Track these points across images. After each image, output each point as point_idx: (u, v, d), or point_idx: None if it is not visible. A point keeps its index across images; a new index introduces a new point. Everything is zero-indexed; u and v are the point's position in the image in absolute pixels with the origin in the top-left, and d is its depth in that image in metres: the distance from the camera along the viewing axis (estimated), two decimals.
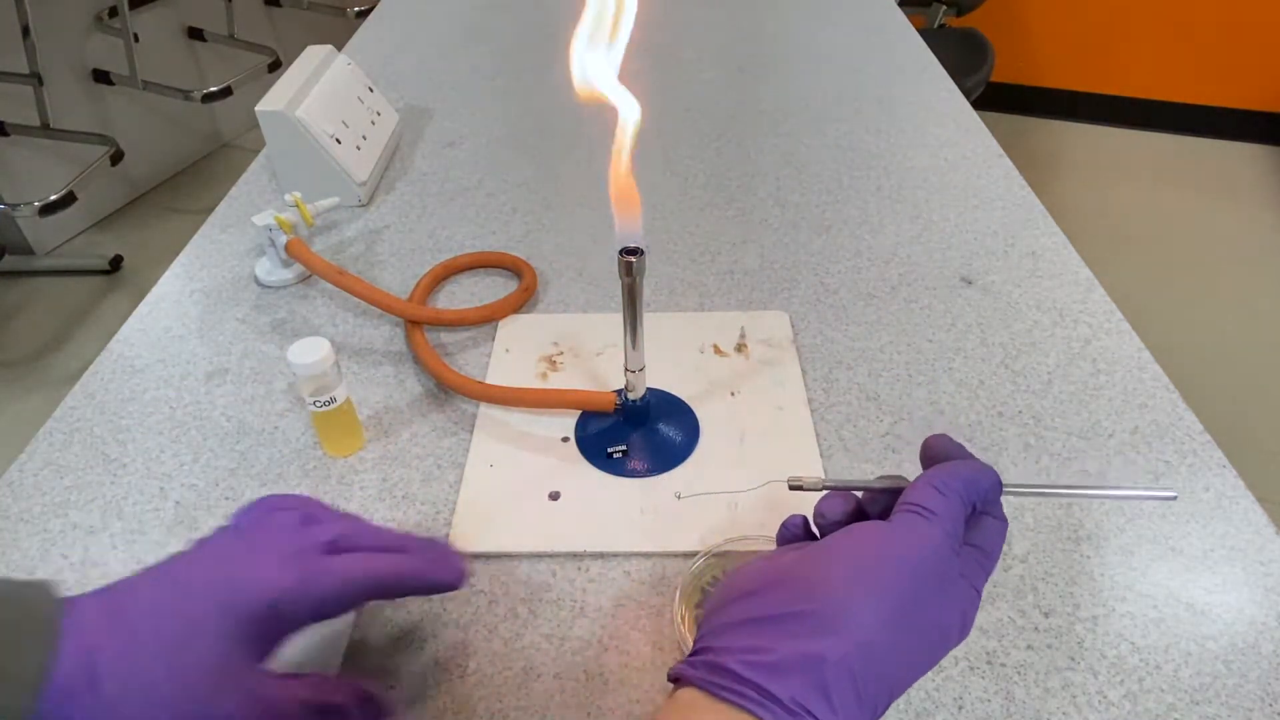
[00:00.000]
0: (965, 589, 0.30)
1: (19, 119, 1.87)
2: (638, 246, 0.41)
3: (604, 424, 0.52)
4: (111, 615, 0.30)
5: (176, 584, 0.32)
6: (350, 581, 0.33)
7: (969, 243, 0.69)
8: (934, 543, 0.29)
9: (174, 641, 0.30)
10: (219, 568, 0.32)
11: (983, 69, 1.75)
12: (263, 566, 0.32)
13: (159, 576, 0.32)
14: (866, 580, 0.28)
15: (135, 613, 0.30)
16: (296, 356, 0.46)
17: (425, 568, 0.36)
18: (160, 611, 0.30)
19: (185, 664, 0.29)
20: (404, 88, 0.96)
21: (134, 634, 0.29)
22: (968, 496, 0.31)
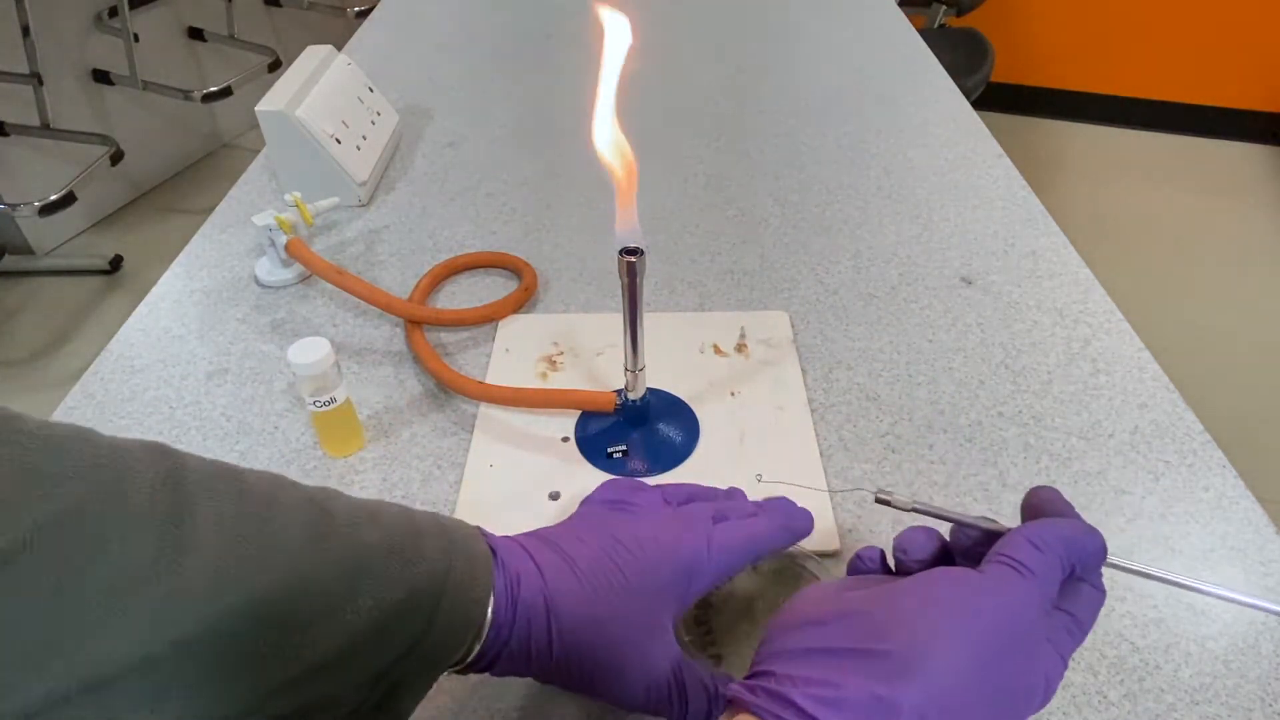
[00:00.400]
0: (1051, 655, 0.28)
1: (19, 119, 1.87)
2: (638, 246, 0.41)
3: (604, 424, 0.52)
4: (560, 555, 0.33)
5: (610, 537, 0.34)
6: (740, 548, 0.36)
7: (969, 243, 0.69)
8: (1025, 601, 0.27)
9: (618, 589, 0.32)
10: (644, 530, 0.35)
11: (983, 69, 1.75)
12: (676, 534, 0.35)
13: (587, 529, 0.35)
14: (950, 628, 0.26)
15: (581, 555, 0.33)
16: (296, 356, 0.46)
17: (790, 523, 0.39)
18: (604, 561, 0.33)
19: (625, 608, 0.32)
20: (404, 88, 0.96)
21: (583, 574, 0.32)
22: (1067, 558, 0.29)
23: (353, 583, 0.28)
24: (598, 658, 0.32)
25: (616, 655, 0.32)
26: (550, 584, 0.32)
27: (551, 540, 0.34)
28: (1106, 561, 0.31)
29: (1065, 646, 0.29)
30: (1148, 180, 2.39)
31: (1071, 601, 0.30)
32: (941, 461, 0.50)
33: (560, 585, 0.32)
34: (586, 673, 0.32)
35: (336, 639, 0.27)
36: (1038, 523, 0.30)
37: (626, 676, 0.32)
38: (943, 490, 0.49)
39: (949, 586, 0.28)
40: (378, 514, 0.31)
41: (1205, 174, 2.41)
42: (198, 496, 0.26)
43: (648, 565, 0.33)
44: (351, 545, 0.29)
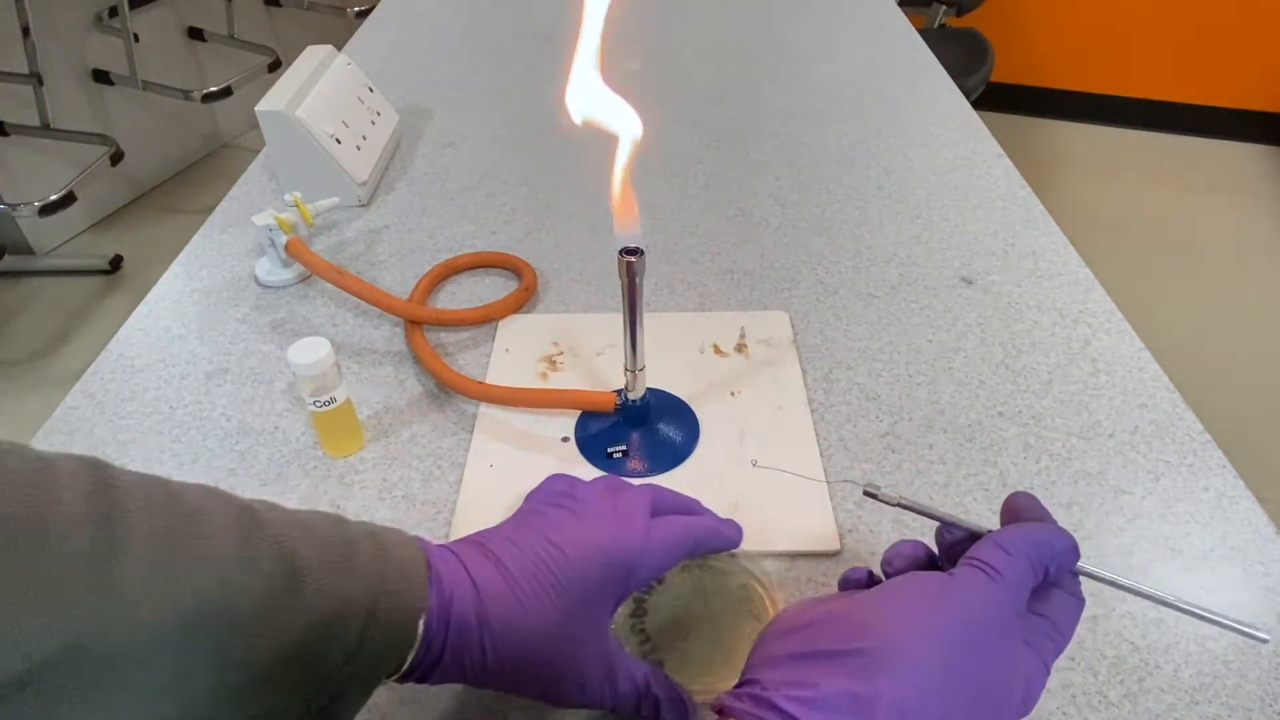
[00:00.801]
0: (1030, 657, 0.29)
1: (19, 119, 1.87)
2: (638, 246, 0.41)
3: (604, 424, 0.52)
4: (490, 559, 0.33)
5: (543, 538, 0.34)
6: (678, 543, 0.36)
7: (969, 243, 0.69)
8: (993, 601, 0.29)
9: (550, 590, 0.32)
10: (578, 529, 0.35)
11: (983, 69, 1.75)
12: (612, 530, 0.35)
13: (523, 530, 0.35)
14: (921, 626, 0.27)
15: (510, 559, 0.33)
16: (296, 356, 0.46)
17: (721, 526, 0.39)
18: (534, 561, 0.33)
19: (558, 610, 0.32)
20: (404, 88, 0.96)
21: (512, 578, 0.32)
22: (1037, 560, 0.30)
23: (285, 593, 0.28)
24: (532, 662, 0.32)
25: (550, 658, 0.32)
26: (482, 592, 0.32)
27: (485, 546, 0.34)
28: (1080, 569, 0.32)
29: (1047, 652, 0.29)
30: (1148, 180, 2.39)
31: (1049, 607, 0.31)
32: (941, 461, 0.50)
33: (492, 593, 0.32)
34: (521, 677, 0.33)
35: (270, 649, 0.27)
36: (1009, 527, 0.32)
37: (561, 678, 0.33)
38: (943, 490, 0.49)
39: (920, 588, 0.29)
40: (311, 526, 0.31)
41: (1205, 174, 2.41)
42: (128, 504, 0.26)
43: (582, 564, 0.33)
44: (283, 556, 0.29)
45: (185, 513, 0.28)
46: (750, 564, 0.43)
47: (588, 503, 0.37)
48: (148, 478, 0.28)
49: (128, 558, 0.25)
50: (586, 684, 0.33)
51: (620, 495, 0.37)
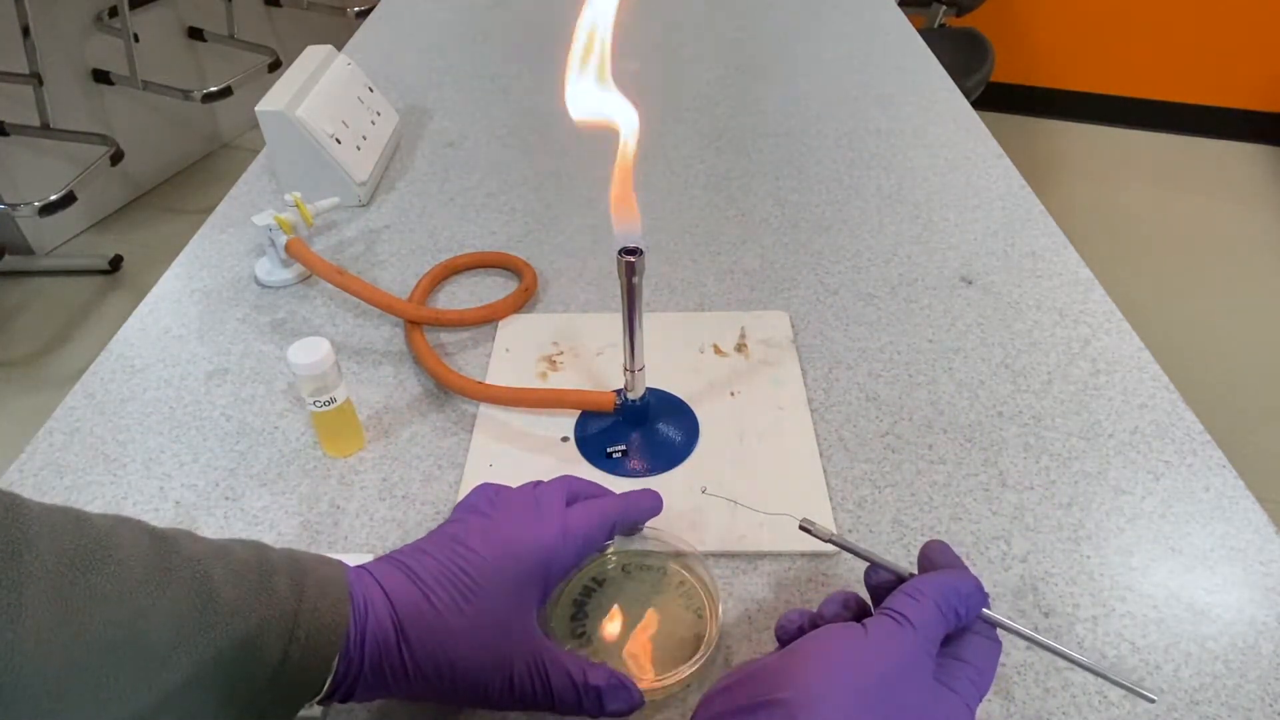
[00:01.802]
0: (952, 700, 0.30)
1: (19, 119, 1.87)
2: (638, 246, 0.41)
3: (604, 424, 0.52)
4: (406, 574, 0.34)
5: (460, 544, 0.35)
6: (598, 527, 0.38)
7: (969, 243, 0.69)
8: (904, 646, 0.30)
9: (467, 596, 0.33)
10: (494, 531, 0.36)
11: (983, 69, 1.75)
12: (531, 526, 0.36)
13: (441, 541, 0.36)
14: (836, 674, 0.29)
15: (426, 571, 0.34)
16: (296, 356, 0.46)
17: (639, 500, 0.41)
18: (451, 569, 0.34)
19: (477, 615, 0.33)
20: (404, 88, 0.96)
21: (429, 589, 0.33)
22: (944, 604, 0.32)
23: (199, 616, 0.28)
24: (455, 667, 0.33)
25: (473, 660, 0.33)
26: (396, 604, 0.33)
27: (399, 561, 0.35)
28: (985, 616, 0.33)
29: (969, 695, 0.31)
30: (1148, 180, 2.39)
31: (967, 651, 0.32)
32: (941, 461, 0.50)
33: (406, 603, 0.33)
34: (447, 684, 0.33)
35: (185, 670, 0.28)
36: (920, 576, 0.34)
37: (488, 678, 0.33)
38: (943, 490, 0.49)
39: (835, 639, 0.31)
40: (227, 551, 0.32)
41: (1205, 174, 2.41)
42: (36, 531, 0.26)
43: (496, 564, 0.34)
44: (196, 580, 0.29)
45: (95, 540, 0.28)
46: (692, 562, 0.43)
47: (503, 505, 0.38)
48: (55, 508, 0.29)
49: (35, 588, 0.25)
50: (516, 681, 0.34)
51: (536, 492, 0.39)
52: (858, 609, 0.35)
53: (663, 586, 0.42)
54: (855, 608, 0.35)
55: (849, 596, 0.35)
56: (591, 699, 0.35)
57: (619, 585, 0.43)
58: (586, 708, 0.35)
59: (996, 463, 0.50)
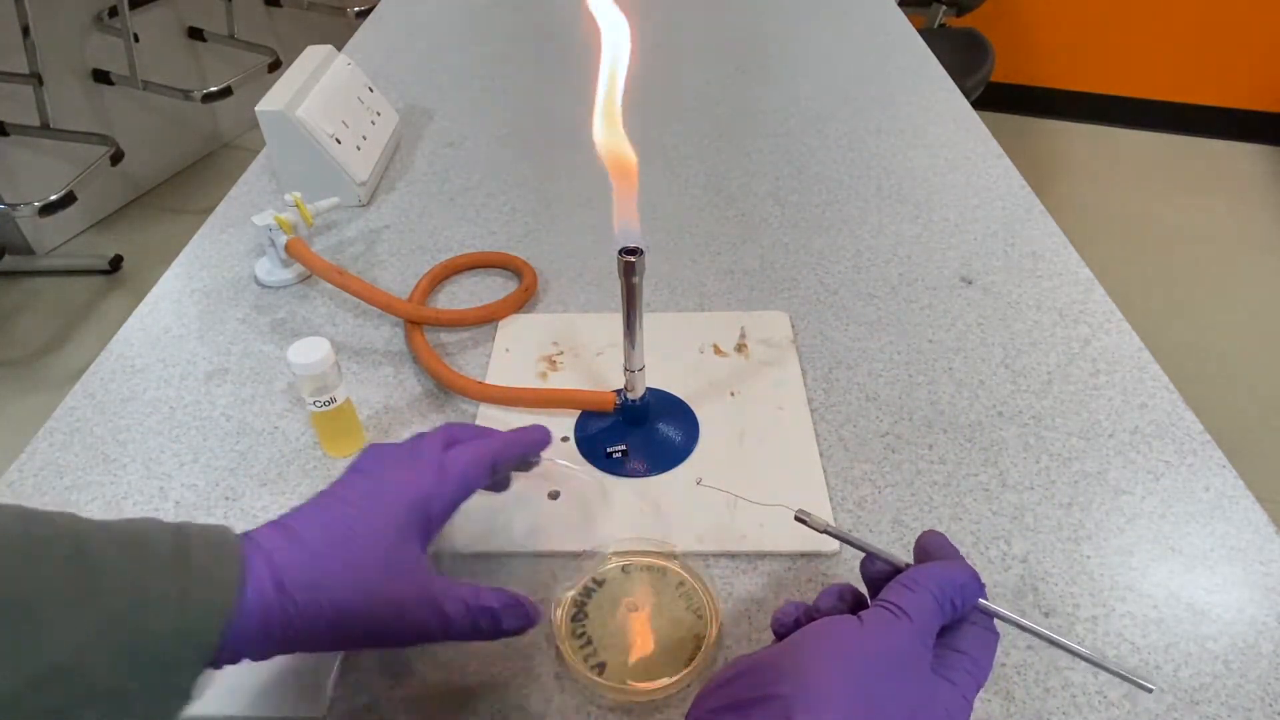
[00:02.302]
0: (949, 691, 0.30)
1: (19, 119, 1.87)
2: (638, 246, 0.41)
3: (604, 424, 0.52)
4: (285, 532, 0.34)
5: (337, 499, 0.36)
6: (474, 464, 0.39)
7: (969, 243, 0.69)
8: (901, 637, 0.30)
9: (343, 540, 0.34)
10: (370, 483, 0.37)
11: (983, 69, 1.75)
12: (405, 473, 0.38)
13: (321, 499, 0.37)
14: (833, 667, 0.29)
15: (305, 525, 0.35)
16: (296, 356, 0.46)
17: (520, 435, 0.43)
18: (328, 522, 0.35)
19: (357, 560, 0.34)
20: (404, 88, 0.96)
21: (306, 542, 0.34)
22: (941, 595, 0.32)
23: (81, 584, 0.29)
24: (341, 613, 0.33)
25: (359, 605, 0.34)
26: (278, 563, 0.33)
27: (279, 523, 0.36)
28: (982, 606, 0.33)
29: (966, 686, 0.31)
30: (1148, 180, 2.39)
31: (964, 643, 0.32)
32: (941, 461, 0.50)
33: (287, 562, 0.33)
34: (338, 632, 0.34)
35: (72, 638, 0.28)
36: (916, 567, 0.34)
37: (379, 620, 0.34)
38: (943, 490, 0.49)
39: (831, 632, 0.31)
40: (108, 524, 0.32)
41: (1205, 174, 2.41)
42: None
43: (373, 510, 0.36)
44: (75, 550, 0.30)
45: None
46: (692, 562, 0.43)
47: (384, 460, 0.39)
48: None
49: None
50: (408, 617, 0.34)
51: (414, 442, 0.40)
52: (854, 601, 0.35)
53: (663, 586, 0.43)
54: (851, 600, 0.35)
55: (845, 588, 0.35)
56: (487, 619, 0.36)
57: (619, 585, 0.43)
58: (484, 629, 0.36)
59: (996, 463, 0.50)
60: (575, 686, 0.39)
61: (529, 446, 0.44)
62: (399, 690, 0.40)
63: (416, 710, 0.39)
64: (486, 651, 0.41)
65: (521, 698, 0.39)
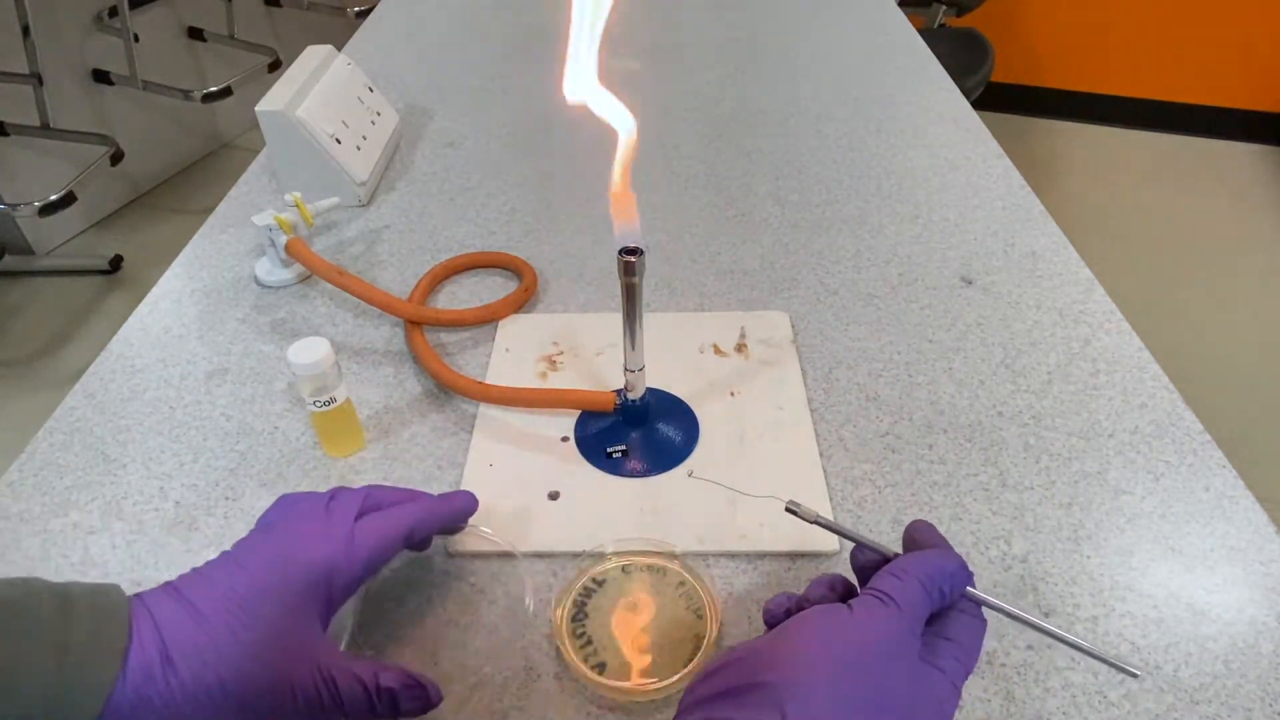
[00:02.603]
0: (938, 678, 0.30)
1: (19, 119, 1.87)
2: (637, 246, 0.41)
3: (603, 424, 0.52)
4: (177, 599, 0.33)
5: (236, 564, 0.35)
6: (386, 536, 0.38)
7: (969, 243, 0.69)
8: (888, 624, 0.30)
9: (238, 613, 0.33)
10: (272, 547, 0.36)
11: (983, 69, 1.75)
12: (310, 542, 0.36)
13: (220, 561, 0.35)
14: (819, 657, 0.29)
15: (199, 594, 0.33)
16: (296, 356, 0.46)
17: (442, 505, 0.42)
18: (224, 588, 0.34)
19: (250, 632, 0.32)
20: (404, 88, 0.96)
21: (199, 612, 0.33)
22: (929, 582, 0.32)
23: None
24: (225, 689, 0.32)
25: (245, 682, 0.32)
26: (164, 632, 0.32)
27: (172, 587, 0.34)
28: (970, 595, 0.34)
29: (955, 673, 0.31)
30: (1148, 180, 2.39)
31: (953, 630, 0.32)
32: (941, 461, 0.50)
33: (174, 630, 0.32)
34: (219, 708, 0.32)
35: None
36: (904, 555, 0.34)
37: (270, 695, 0.32)
38: (943, 490, 0.49)
39: (819, 620, 0.31)
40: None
41: (1205, 174, 2.41)
42: None
43: (272, 581, 0.34)
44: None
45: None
46: (692, 562, 0.43)
47: (293, 519, 0.37)
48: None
49: None
50: (300, 695, 0.33)
51: (330, 503, 0.38)
52: (844, 591, 0.35)
53: (663, 586, 0.43)
54: (841, 590, 0.35)
55: (835, 579, 0.35)
56: (385, 701, 0.34)
57: (619, 585, 0.43)
58: (380, 712, 0.34)
59: (996, 463, 0.50)
60: (575, 686, 0.39)
61: (452, 516, 0.42)
62: None
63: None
64: (486, 651, 0.41)
65: (521, 698, 0.39)
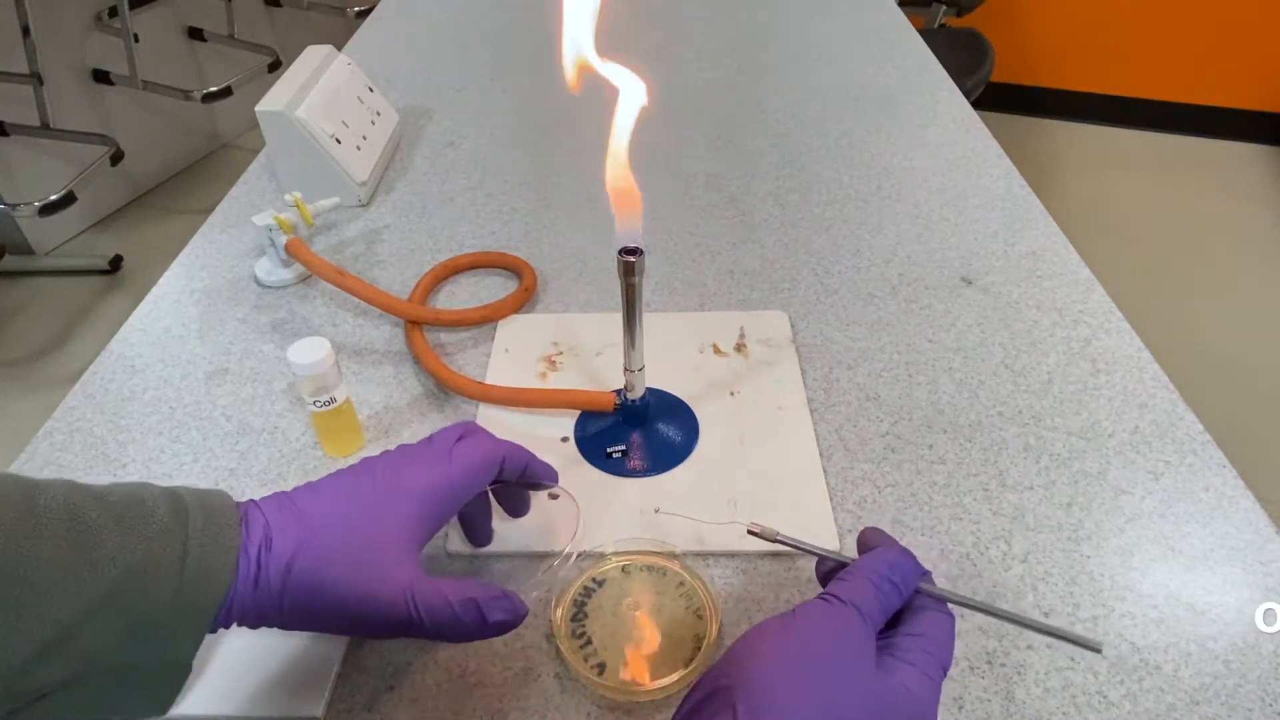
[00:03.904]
0: (905, 671, 0.31)
1: (19, 119, 1.87)
2: (638, 246, 0.41)
3: (603, 424, 0.52)
4: (287, 507, 0.35)
5: (349, 481, 0.37)
6: (481, 455, 0.39)
7: (969, 243, 0.69)
8: (832, 622, 0.32)
9: (341, 526, 0.35)
10: (381, 469, 0.38)
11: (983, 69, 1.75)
12: (413, 467, 0.38)
13: (333, 479, 0.37)
14: (770, 655, 0.30)
15: (308, 504, 0.35)
16: (296, 356, 0.46)
17: (533, 459, 0.43)
18: (328, 505, 0.36)
19: (350, 546, 0.34)
20: (404, 88, 0.96)
21: (307, 521, 0.35)
22: (876, 578, 0.33)
23: (79, 556, 0.29)
24: (329, 597, 0.34)
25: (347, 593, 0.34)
26: (276, 539, 0.34)
27: (289, 496, 0.36)
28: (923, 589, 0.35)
29: (927, 665, 0.32)
30: (1148, 180, 2.38)
31: (917, 625, 0.33)
32: (941, 461, 0.50)
33: (286, 539, 0.34)
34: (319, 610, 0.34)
35: (72, 610, 0.28)
36: (856, 560, 0.36)
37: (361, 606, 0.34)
38: (943, 490, 0.49)
39: (771, 624, 0.32)
40: (106, 492, 0.32)
41: (1205, 174, 2.41)
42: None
43: (375, 504, 0.36)
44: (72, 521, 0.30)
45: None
46: (692, 562, 0.43)
47: (401, 450, 0.39)
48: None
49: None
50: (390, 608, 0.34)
51: (430, 437, 0.40)
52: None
53: (663, 587, 0.43)
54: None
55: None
56: (471, 613, 0.35)
57: (619, 585, 0.43)
58: (468, 623, 0.35)
59: (996, 463, 0.50)
60: (575, 686, 0.39)
61: (541, 466, 0.44)
62: (398, 690, 0.40)
63: (416, 710, 0.39)
64: (486, 651, 0.41)
65: (521, 698, 0.39)
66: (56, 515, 0.30)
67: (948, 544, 0.46)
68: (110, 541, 0.30)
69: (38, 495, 0.30)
